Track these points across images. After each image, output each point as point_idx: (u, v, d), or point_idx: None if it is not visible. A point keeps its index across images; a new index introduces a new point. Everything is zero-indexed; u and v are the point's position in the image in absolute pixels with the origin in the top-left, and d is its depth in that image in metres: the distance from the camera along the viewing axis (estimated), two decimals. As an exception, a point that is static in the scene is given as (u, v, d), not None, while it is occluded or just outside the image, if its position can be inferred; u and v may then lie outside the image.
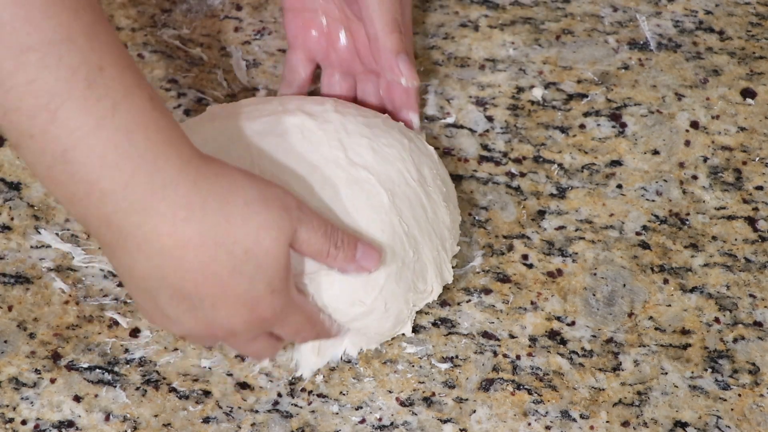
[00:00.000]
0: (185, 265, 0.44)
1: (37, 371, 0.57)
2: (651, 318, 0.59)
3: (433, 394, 0.57)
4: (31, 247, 0.61)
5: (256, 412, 0.56)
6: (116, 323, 0.58)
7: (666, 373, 0.58)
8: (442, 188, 0.58)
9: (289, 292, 0.49)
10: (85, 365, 0.57)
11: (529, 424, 0.56)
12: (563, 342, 0.59)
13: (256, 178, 0.47)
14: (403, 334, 0.58)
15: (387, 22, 0.57)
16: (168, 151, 0.43)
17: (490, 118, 0.66)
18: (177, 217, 0.43)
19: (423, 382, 0.57)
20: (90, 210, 0.43)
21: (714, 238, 0.62)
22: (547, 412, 0.56)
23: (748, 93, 0.68)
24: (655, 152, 0.65)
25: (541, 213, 0.63)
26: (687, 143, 0.66)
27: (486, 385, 0.57)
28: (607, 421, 0.56)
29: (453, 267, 0.59)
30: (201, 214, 0.44)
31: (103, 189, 0.41)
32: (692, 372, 0.58)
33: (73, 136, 0.40)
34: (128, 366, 0.57)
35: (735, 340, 0.59)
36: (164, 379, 0.57)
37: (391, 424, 0.56)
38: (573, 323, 0.59)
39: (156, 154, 0.42)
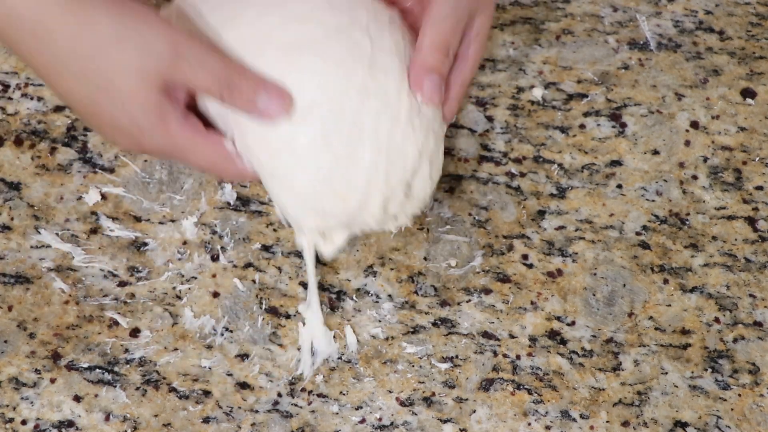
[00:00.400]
0: (58, 89, 0.48)
1: (37, 371, 0.57)
2: (651, 318, 0.59)
3: (433, 394, 0.57)
4: (31, 247, 0.61)
5: (256, 412, 0.56)
6: (116, 323, 0.58)
7: (666, 373, 0.58)
8: (429, 136, 0.52)
9: (168, 132, 0.49)
10: (85, 365, 0.57)
11: (529, 424, 0.56)
12: (563, 342, 0.59)
13: (124, 14, 0.47)
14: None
15: (437, 42, 0.53)
16: None
17: (490, 118, 0.66)
18: (29, 47, 0.46)
19: (423, 382, 0.57)
20: None
21: (714, 238, 0.62)
22: (547, 412, 0.56)
23: (748, 93, 0.68)
24: (655, 152, 0.65)
25: (541, 213, 0.63)
26: (687, 143, 0.66)
27: (486, 385, 0.57)
28: (607, 421, 0.56)
29: (453, 266, 0.59)
30: (49, 51, 0.46)
31: None
32: (692, 372, 0.58)
33: None
34: (128, 366, 0.57)
35: (735, 340, 0.59)
36: (164, 379, 0.57)
37: (391, 424, 0.56)
38: (573, 323, 0.59)
39: None
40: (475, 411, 0.56)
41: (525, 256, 0.61)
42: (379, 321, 0.59)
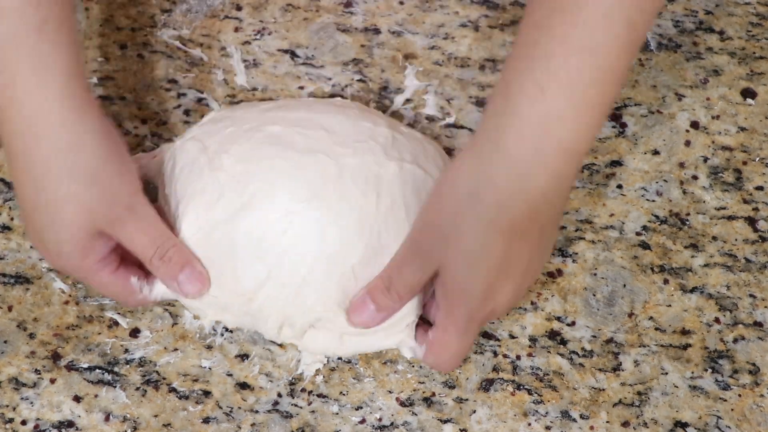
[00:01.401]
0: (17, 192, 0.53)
1: (37, 371, 0.57)
2: (651, 318, 0.59)
3: (433, 394, 0.57)
4: (31, 247, 0.61)
5: (256, 412, 0.56)
6: (116, 323, 0.58)
7: (666, 373, 0.58)
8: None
9: (82, 266, 0.53)
10: (85, 365, 0.57)
11: (529, 424, 0.56)
12: (563, 342, 0.59)
13: (108, 154, 0.52)
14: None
15: (379, 276, 0.54)
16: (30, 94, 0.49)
17: (490, 118, 0.66)
18: (11, 152, 0.51)
19: (423, 382, 0.57)
20: None
21: (714, 238, 0.62)
22: (547, 412, 0.56)
23: (748, 93, 0.68)
24: (655, 152, 0.65)
25: (541, 213, 0.63)
26: (687, 143, 0.66)
27: (486, 385, 0.57)
28: (607, 421, 0.56)
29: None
30: (12, 161, 0.51)
31: None
32: (692, 372, 0.58)
33: None
34: (128, 366, 0.57)
35: (735, 340, 0.59)
36: (164, 379, 0.57)
37: (391, 424, 0.56)
38: (573, 323, 0.59)
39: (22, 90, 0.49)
40: (475, 411, 0.56)
41: (525, 256, 0.61)
42: (379, 321, 0.59)
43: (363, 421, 0.56)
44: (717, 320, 0.60)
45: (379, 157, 0.55)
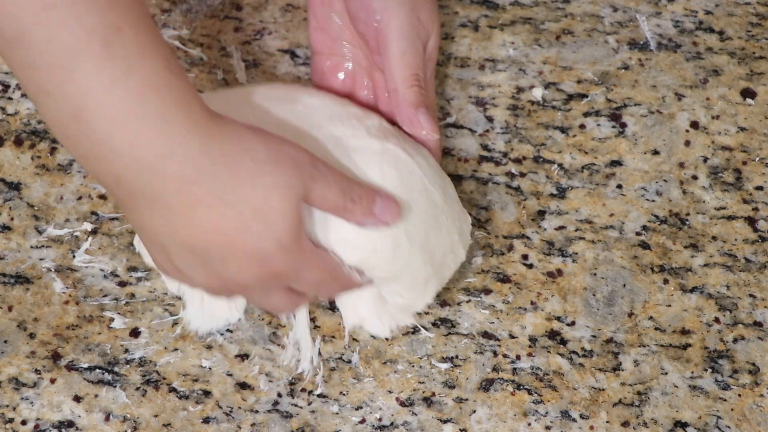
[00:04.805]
0: (194, 223, 0.45)
1: (37, 371, 0.57)
2: (651, 318, 0.59)
3: (433, 394, 0.57)
4: (31, 247, 0.61)
5: (256, 412, 0.56)
6: (116, 323, 0.58)
7: (666, 373, 0.58)
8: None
9: (300, 247, 0.48)
10: (85, 365, 0.57)
11: (529, 424, 0.56)
12: (563, 342, 0.59)
13: (268, 136, 0.47)
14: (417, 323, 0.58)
15: (407, 77, 0.57)
16: (178, 112, 0.43)
17: (490, 118, 0.66)
18: (185, 178, 0.44)
19: (423, 382, 0.57)
20: (103, 167, 0.44)
21: (714, 238, 0.62)
22: (547, 412, 0.56)
23: (748, 93, 0.68)
24: (655, 152, 0.65)
25: (541, 213, 0.63)
26: (687, 143, 0.66)
27: (486, 385, 0.57)
28: (607, 421, 0.56)
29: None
30: (210, 176, 0.44)
31: (113, 148, 0.42)
32: (692, 372, 0.58)
33: (86, 96, 0.41)
34: (128, 366, 0.57)
35: (735, 340, 0.59)
36: (164, 379, 0.57)
37: (391, 424, 0.56)
38: (573, 323, 0.59)
39: (165, 115, 0.42)
40: (475, 411, 0.56)
41: (525, 256, 0.61)
42: (379, 321, 0.59)
43: (363, 421, 0.56)
44: (717, 320, 0.60)
45: (360, 132, 0.54)
